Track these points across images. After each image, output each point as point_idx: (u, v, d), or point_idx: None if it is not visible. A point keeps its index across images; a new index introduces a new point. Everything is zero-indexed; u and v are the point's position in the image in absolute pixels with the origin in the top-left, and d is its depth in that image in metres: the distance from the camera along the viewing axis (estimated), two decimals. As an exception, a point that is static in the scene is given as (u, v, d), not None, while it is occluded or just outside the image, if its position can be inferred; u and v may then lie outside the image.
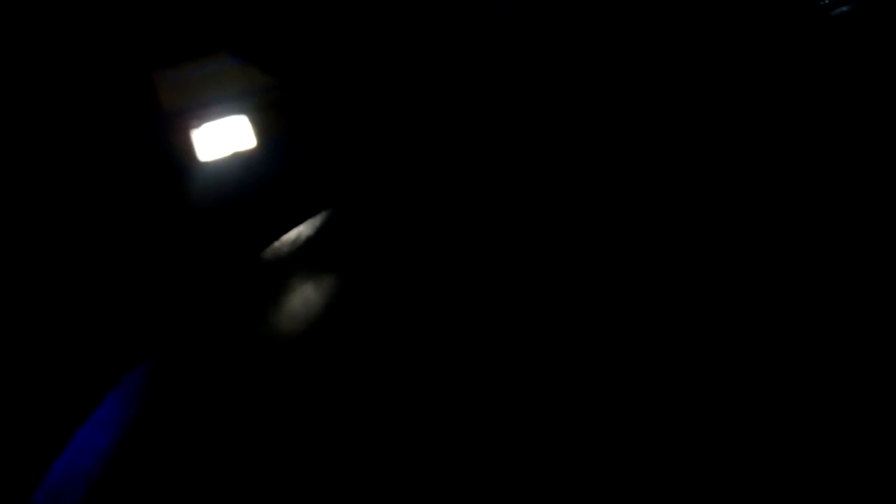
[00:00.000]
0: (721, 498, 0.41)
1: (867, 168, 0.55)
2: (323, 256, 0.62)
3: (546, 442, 0.43)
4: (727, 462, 0.42)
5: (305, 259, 0.63)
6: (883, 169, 0.55)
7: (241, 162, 0.87)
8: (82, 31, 0.86)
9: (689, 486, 0.41)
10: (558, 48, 0.64)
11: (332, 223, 0.64)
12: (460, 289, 0.51)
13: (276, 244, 0.68)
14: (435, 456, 0.43)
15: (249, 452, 0.48)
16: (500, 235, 0.54)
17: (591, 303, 0.49)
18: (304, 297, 0.58)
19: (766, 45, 0.61)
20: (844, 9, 0.61)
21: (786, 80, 0.60)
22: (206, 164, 0.88)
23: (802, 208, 0.53)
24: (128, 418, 0.59)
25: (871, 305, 0.48)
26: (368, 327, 0.52)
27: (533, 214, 0.55)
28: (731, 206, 0.54)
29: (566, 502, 0.40)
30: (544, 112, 0.62)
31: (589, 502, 0.40)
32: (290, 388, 0.50)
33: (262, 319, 0.59)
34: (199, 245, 0.84)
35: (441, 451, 0.43)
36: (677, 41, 0.60)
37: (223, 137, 0.93)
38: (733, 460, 0.42)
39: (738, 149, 0.56)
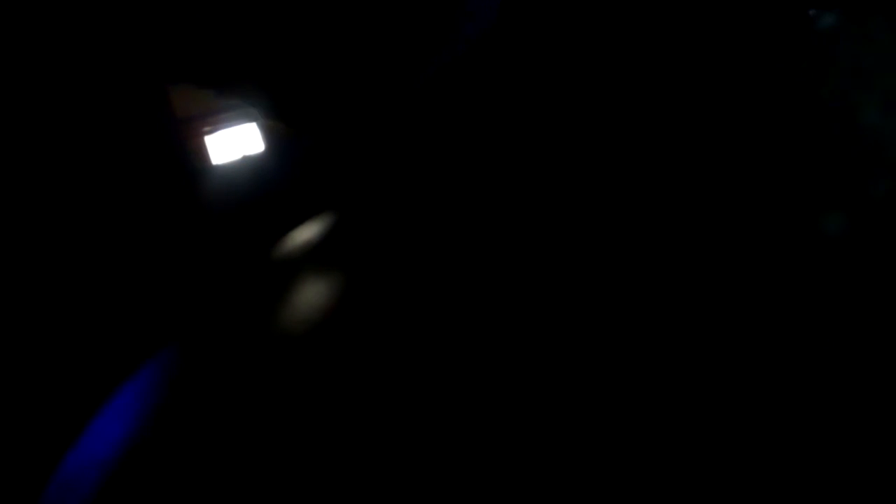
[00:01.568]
0: (721, 498, 0.42)
1: (855, 178, 0.56)
2: (329, 255, 0.62)
3: (546, 442, 0.43)
4: (727, 462, 0.43)
5: (312, 258, 0.63)
6: (869, 178, 0.56)
7: (250, 166, 0.89)
8: (98, 40, 0.89)
9: (689, 487, 0.42)
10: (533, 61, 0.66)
11: (338, 223, 0.65)
12: (466, 289, 0.52)
13: (284, 243, 0.68)
14: (438, 456, 0.43)
15: (257, 449, 0.47)
16: (503, 237, 0.55)
17: (591, 303, 0.50)
18: (311, 296, 0.58)
19: (752, 56, 0.62)
20: (830, 20, 0.63)
21: (772, 92, 0.61)
22: (218, 167, 0.90)
23: (788, 212, 0.55)
24: (141, 410, 0.59)
25: (867, 306, 0.49)
26: (375, 326, 0.51)
27: (533, 215, 0.56)
28: (717, 210, 0.55)
29: (566, 502, 0.41)
30: (539, 116, 0.64)
31: (589, 502, 0.41)
32: (298, 386, 0.50)
33: (270, 316, 0.59)
34: (210, 244, 0.86)
35: (444, 452, 0.43)
36: (663, 54, 0.62)
37: (234, 143, 0.96)
38: (733, 460, 0.43)
39: (724, 161, 0.57)
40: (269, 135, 0.95)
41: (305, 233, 0.68)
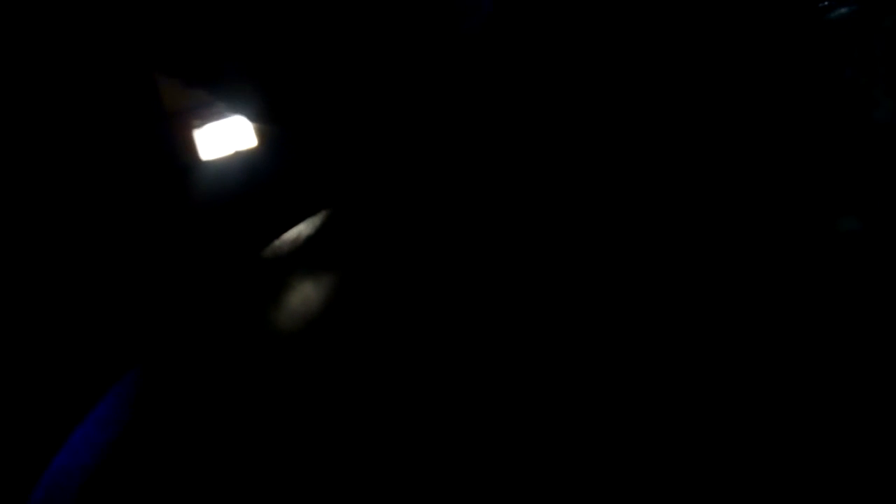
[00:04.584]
0: (721, 498, 0.41)
1: (864, 169, 0.55)
2: (323, 254, 0.62)
3: (546, 442, 0.43)
4: (727, 462, 0.42)
5: (305, 257, 0.63)
6: (879, 170, 0.55)
7: (242, 161, 0.87)
8: (86, 32, 0.87)
9: (689, 487, 0.41)
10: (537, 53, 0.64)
11: (332, 222, 0.65)
12: (460, 287, 0.51)
13: (277, 242, 0.68)
14: (435, 456, 0.43)
15: (248, 450, 0.47)
16: (499, 235, 0.54)
17: (590, 303, 0.50)
18: (304, 295, 0.58)
19: (764, 48, 0.61)
20: (843, 11, 0.62)
21: (783, 83, 0.60)
22: (209, 163, 0.89)
23: (799, 209, 0.54)
24: (128, 415, 0.59)
25: (869, 307, 0.48)
26: (368, 326, 0.51)
27: (531, 214, 0.55)
28: (726, 207, 0.54)
29: (566, 502, 0.40)
30: (539, 113, 0.62)
31: (589, 502, 0.40)
32: (290, 386, 0.50)
33: (262, 317, 0.59)
34: (200, 243, 0.84)
35: (441, 451, 0.43)
36: (672, 44, 0.61)
37: (225, 137, 0.94)
38: (733, 460, 0.42)
39: (735, 152, 0.56)
40: (261, 129, 0.93)
41: (298, 231, 0.67)
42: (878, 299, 0.48)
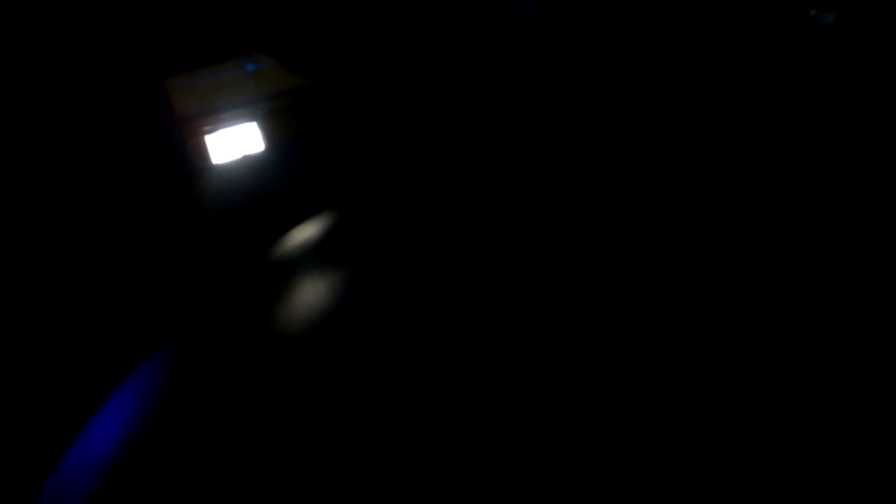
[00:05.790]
0: (721, 498, 0.41)
1: (853, 177, 0.56)
2: (329, 255, 0.62)
3: (546, 442, 0.43)
4: (727, 462, 0.43)
5: (312, 258, 0.63)
6: (867, 177, 0.56)
7: (251, 164, 0.89)
8: (99, 41, 0.89)
9: (689, 487, 0.42)
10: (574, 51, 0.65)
11: (338, 222, 0.65)
12: (467, 289, 0.52)
13: (283, 243, 0.68)
14: (437, 456, 0.43)
15: (255, 448, 0.47)
16: (505, 238, 0.55)
17: (593, 304, 0.50)
18: (311, 296, 0.58)
19: (753, 56, 0.62)
20: (830, 18, 0.63)
21: (773, 91, 0.61)
22: (219, 166, 0.90)
23: (792, 212, 0.54)
24: (140, 408, 0.59)
25: (870, 306, 0.48)
26: (375, 326, 0.51)
27: (538, 216, 0.56)
28: (720, 210, 0.55)
29: (566, 502, 0.41)
30: (552, 114, 0.63)
31: (589, 502, 0.41)
32: (297, 386, 0.50)
33: (269, 317, 0.59)
34: (210, 243, 0.86)
35: (444, 452, 0.43)
36: (664, 53, 0.62)
37: (234, 142, 0.96)
38: (733, 460, 0.42)
39: (724, 161, 0.57)
40: (269, 134, 0.95)
41: (305, 231, 0.68)
42: (867, 298, 0.49)
